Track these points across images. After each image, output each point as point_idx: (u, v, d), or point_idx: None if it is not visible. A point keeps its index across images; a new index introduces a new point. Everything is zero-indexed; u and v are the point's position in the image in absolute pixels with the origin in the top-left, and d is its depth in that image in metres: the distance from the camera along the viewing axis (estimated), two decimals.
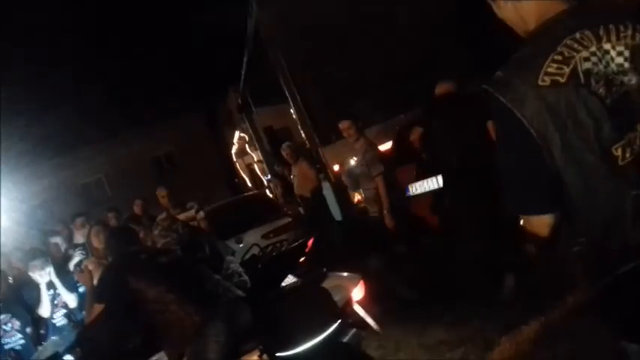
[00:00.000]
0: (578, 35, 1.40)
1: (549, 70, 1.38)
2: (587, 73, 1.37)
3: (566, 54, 1.38)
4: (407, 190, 6.25)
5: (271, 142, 15.41)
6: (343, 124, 5.56)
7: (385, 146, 6.92)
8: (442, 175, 5.44)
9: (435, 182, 5.92)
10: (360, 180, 5.73)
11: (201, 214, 5.51)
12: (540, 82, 1.38)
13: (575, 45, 1.39)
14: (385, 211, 5.38)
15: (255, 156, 18.60)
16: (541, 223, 1.50)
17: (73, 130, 22.06)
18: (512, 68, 1.46)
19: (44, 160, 21.98)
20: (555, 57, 1.39)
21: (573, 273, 1.66)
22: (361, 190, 6.02)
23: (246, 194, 15.64)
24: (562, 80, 1.37)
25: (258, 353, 3.05)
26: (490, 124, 4.99)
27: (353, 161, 6.24)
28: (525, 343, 3.61)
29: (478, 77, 1.93)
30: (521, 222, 1.56)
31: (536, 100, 1.37)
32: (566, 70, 1.37)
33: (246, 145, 19.33)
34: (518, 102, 1.39)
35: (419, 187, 6.18)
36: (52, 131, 20.44)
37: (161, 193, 6.07)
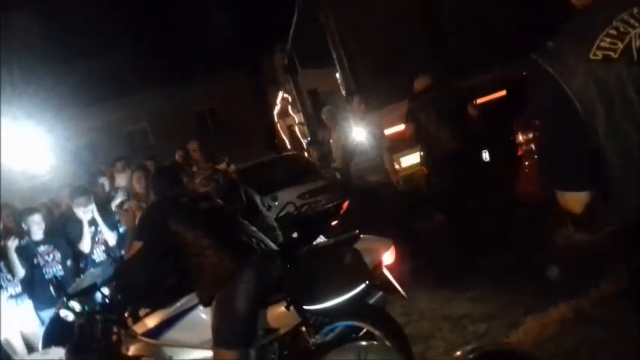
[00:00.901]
0: (635, 10, 1.35)
1: (602, 44, 1.35)
2: None
3: (621, 29, 1.34)
4: None
5: (314, 105, 15.35)
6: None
7: None
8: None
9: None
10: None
11: (232, 167, 5.59)
12: (592, 56, 1.35)
13: (632, 20, 1.35)
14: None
15: (297, 118, 18.60)
16: (576, 200, 1.48)
17: (123, 78, 22.48)
18: (564, 39, 1.42)
19: (92, 104, 22.51)
20: (610, 31, 1.35)
21: (606, 254, 1.64)
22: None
23: (285, 154, 15.74)
24: (614, 56, 1.33)
25: (286, 304, 3.10)
26: (470, 107, 5.19)
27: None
28: (552, 325, 3.60)
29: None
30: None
31: (586, 74, 1.35)
32: (620, 45, 1.33)
33: (289, 107, 19.33)
34: (566, 74, 1.37)
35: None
36: (101, 77, 20.90)
37: (192, 146, 6.16)
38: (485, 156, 5.50)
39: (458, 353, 1.88)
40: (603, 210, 1.50)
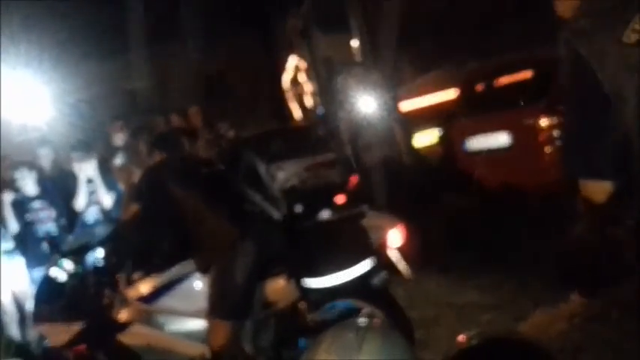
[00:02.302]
0: None
1: (637, 27, 1.25)
2: None
3: None
4: (464, 144, 6.00)
5: (329, 74, 15.08)
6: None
7: (446, 94, 6.61)
8: None
9: (497, 139, 5.64)
10: None
11: (231, 133, 5.48)
12: (625, 39, 1.26)
13: None
14: None
15: (310, 86, 18.37)
16: (599, 190, 1.43)
17: (127, 33, 22.17)
18: (597, 19, 1.33)
19: (94, 58, 22.25)
20: None
21: (624, 249, 1.60)
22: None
23: (294, 124, 15.61)
24: None
25: (286, 277, 3.05)
26: None
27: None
28: (560, 320, 3.51)
29: None
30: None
31: (618, 57, 1.26)
32: None
33: (300, 74, 19.09)
34: (597, 56, 1.29)
35: (478, 143, 5.90)
36: (104, 30, 20.60)
37: (193, 110, 6.03)
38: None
39: (461, 337, 1.80)
40: (625, 203, 1.45)
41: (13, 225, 4.80)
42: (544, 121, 4.97)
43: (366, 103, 5.88)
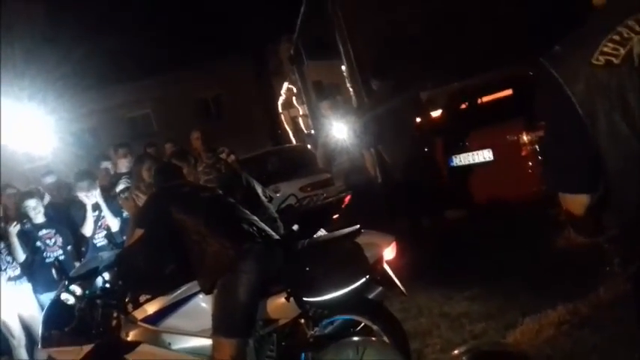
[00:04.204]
0: None
1: (605, 49, 1.35)
2: None
3: (624, 34, 1.34)
4: (451, 160, 6.19)
5: (319, 97, 15.33)
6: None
7: (434, 113, 6.84)
8: None
9: (483, 155, 5.83)
10: None
11: (233, 157, 5.60)
12: (594, 61, 1.35)
13: (637, 27, 1.34)
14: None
15: (302, 109, 18.58)
16: (577, 202, 1.49)
17: (126, 64, 22.37)
18: (570, 44, 1.44)
19: (95, 88, 22.39)
20: (613, 37, 1.35)
21: (606, 258, 1.67)
22: None
23: (288, 145, 15.73)
24: (616, 61, 1.33)
25: (286, 295, 3.12)
26: None
27: None
28: (549, 327, 3.61)
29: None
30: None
31: (588, 79, 1.35)
32: (622, 51, 1.33)
33: (294, 98, 19.30)
34: (570, 78, 1.37)
35: (463, 159, 6.09)
36: (105, 61, 20.79)
37: (195, 135, 6.16)
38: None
39: (455, 352, 1.89)
40: (604, 214, 1.50)
41: (20, 254, 4.92)
42: (524, 137, 5.16)
43: (339, 129, 5.98)
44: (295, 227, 4.56)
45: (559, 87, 1.38)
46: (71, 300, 3.29)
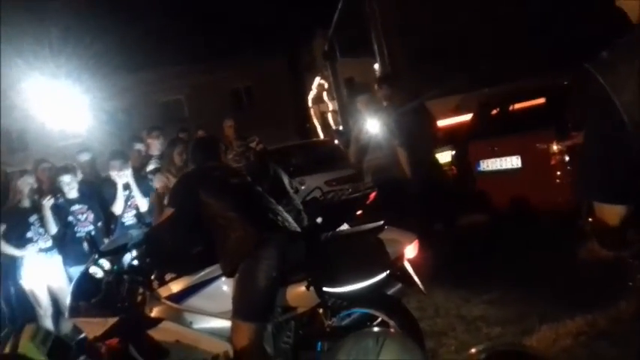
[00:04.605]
0: None
1: None
2: None
3: None
4: (478, 164, 6.17)
5: (350, 93, 15.34)
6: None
7: (464, 118, 6.84)
8: None
9: (511, 162, 5.81)
10: None
11: (261, 146, 5.65)
12: None
13: None
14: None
15: (332, 105, 18.60)
16: (613, 213, 1.46)
17: (164, 49, 22.69)
18: (619, 51, 1.41)
19: (131, 71, 22.78)
20: None
21: (629, 273, 1.65)
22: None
23: (316, 139, 15.76)
24: None
25: (306, 284, 3.17)
26: None
27: None
28: (566, 336, 3.59)
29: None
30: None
31: (636, 89, 1.33)
32: None
33: (324, 93, 19.33)
34: (617, 86, 1.35)
35: (491, 164, 6.07)
36: (143, 45, 21.11)
37: (228, 123, 6.23)
38: None
39: (472, 351, 1.90)
40: (629, 229, 1.48)
41: (52, 227, 5.08)
42: (555, 146, 5.12)
43: (373, 125, 5.91)
44: (319, 220, 4.61)
45: (605, 94, 1.36)
46: (99, 274, 3.37)
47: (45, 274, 5.08)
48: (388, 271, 3.23)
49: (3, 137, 22.50)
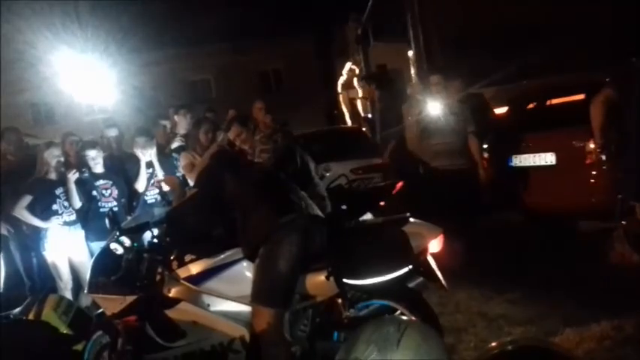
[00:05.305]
0: None
1: None
2: None
3: None
4: (510, 159, 6.00)
5: (382, 80, 15.13)
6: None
7: (499, 111, 6.66)
8: None
9: (545, 159, 5.65)
10: None
11: (287, 129, 5.59)
12: None
13: None
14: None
15: (361, 92, 18.41)
16: None
17: (192, 28, 22.69)
18: None
19: (158, 48, 22.85)
20: None
21: None
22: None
23: (343, 126, 15.66)
24: None
25: (326, 274, 3.13)
26: None
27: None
28: (590, 340, 3.51)
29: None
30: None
31: None
32: None
33: (355, 79, 19.13)
34: None
35: (523, 160, 5.90)
36: (172, 23, 21.14)
37: (258, 105, 6.20)
38: None
39: (494, 344, 1.85)
40: None
41: (77, 201, 5.11)
42: (591, 144, 4.94)
43: (435, 108, 5.71)
44: (343, 207, 4.56)
45: None
46: (120, 250, 3.37)
47: (67, 248, 5.12)
48: (411, 266, 3.17)
49: (32, 110, 23.00)
